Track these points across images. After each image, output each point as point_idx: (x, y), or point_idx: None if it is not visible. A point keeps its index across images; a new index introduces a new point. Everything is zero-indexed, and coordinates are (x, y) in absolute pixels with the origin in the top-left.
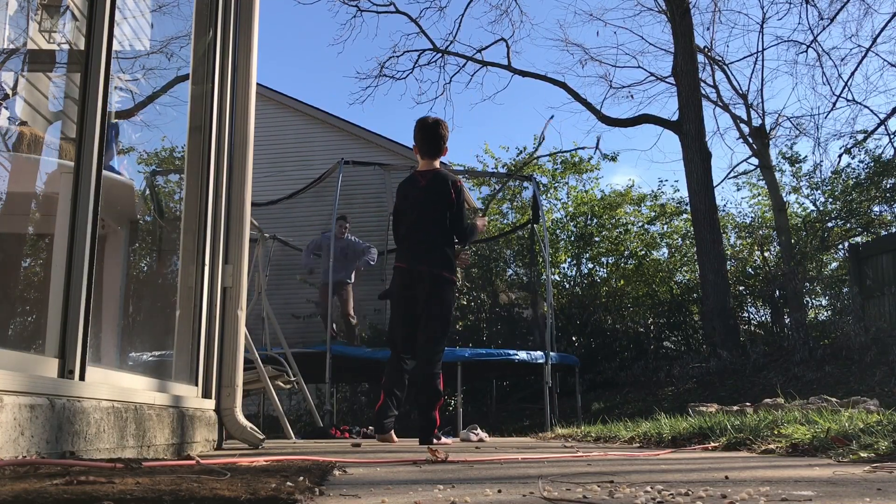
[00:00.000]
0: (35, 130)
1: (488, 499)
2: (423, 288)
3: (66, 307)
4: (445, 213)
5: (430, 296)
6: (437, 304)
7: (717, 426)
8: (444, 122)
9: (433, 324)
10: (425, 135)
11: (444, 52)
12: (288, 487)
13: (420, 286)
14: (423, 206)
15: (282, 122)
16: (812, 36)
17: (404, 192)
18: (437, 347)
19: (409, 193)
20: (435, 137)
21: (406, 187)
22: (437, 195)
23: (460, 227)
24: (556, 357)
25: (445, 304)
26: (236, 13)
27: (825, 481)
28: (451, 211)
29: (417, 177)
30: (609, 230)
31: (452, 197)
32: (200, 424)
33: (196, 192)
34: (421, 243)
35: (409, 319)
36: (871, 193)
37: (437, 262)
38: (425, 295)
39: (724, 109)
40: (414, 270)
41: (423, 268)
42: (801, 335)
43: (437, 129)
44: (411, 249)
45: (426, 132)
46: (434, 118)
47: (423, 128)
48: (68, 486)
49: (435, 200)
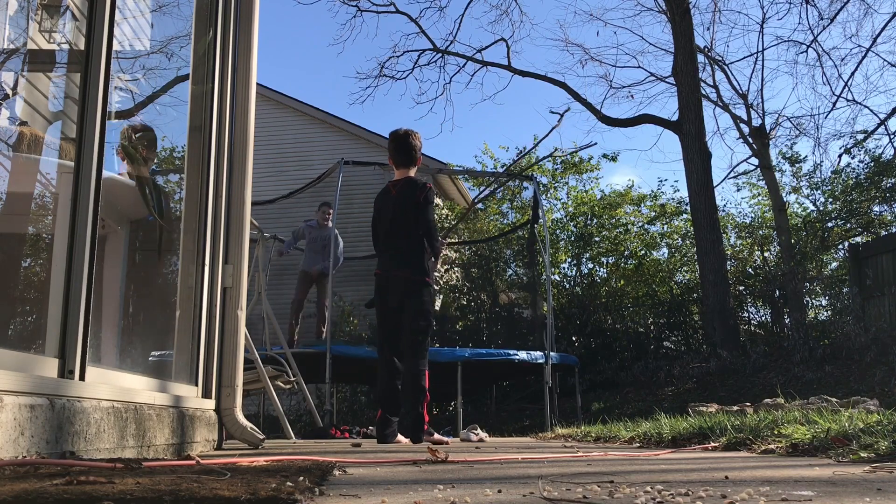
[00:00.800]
0: (35, 130)
1: (488, 499)
2: (399, 292)
3: (66, 307)
4: (415, 217)
5: (406, 298)
6: (415, 306)
7: (717, 426)
8: (415, 132)
9: (414, 324)
10: (397, 146)
11: (444, 52)
12: (288, 487)
13: (396, 290)
14: (395, 214)
15: (282, 122)
16: (812, 36)
17: (379, 204)
18: (421, 347)
19: (383, 204)
20: (406, 147)
21: (380, 198)
22: (406, 201)
23: (425, 223)
24: (556, 357)
25: (422, 304)
26: (236, 13)
27: (825, 481)
28: (417, 210)
29: (390, 187)
30: (609, 230)
31: (419, 198)
32: (200, 424)
33: (196, 192)
34: (395, 250)
35: (392, 322)
36: (871, 193)
37: (410, 266)
38: (402, 298)
39: (724, 109)
40: (390, 276)
41: (397, 273)
42: (801, 335)
43: (408, 139)
44: (386, 256)
45: (398, 143)
46: (405, 130)
47: (395, 139)
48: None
49: (406, 207)
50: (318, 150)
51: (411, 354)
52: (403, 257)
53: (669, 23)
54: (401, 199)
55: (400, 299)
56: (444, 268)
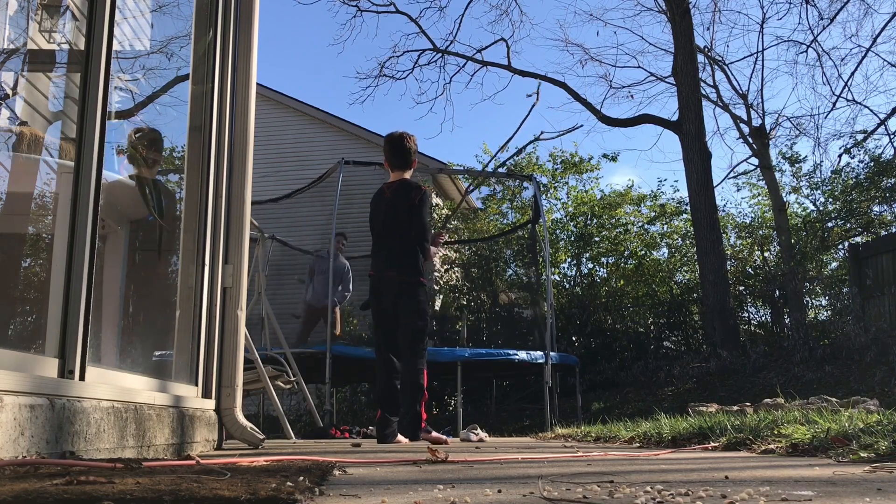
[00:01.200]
0: (35, 130)
1: (488, 499)
2: (393, 293)
3: (66, 307)
4: (409, 218)
5: (400, 299)
6: (410, 306)
7: (717, 426)
8: (410, 135)
9: (409, 324)
10: (392, 148)
11: (444, 52)
12: (288, 487)
13: (390, 291)
14: (388, 215)
15: (282, 122)
16: (812, 36)
17: (374, 205)
18: (418, 345)
19: (376, 205)
20: (401, 150)
21: (375, 200)
22: (400, 203)
23: (419, 225)
24: (556, 357)
25: (418, 304)
26: (236, 13)
27: (825, 481)
28: (412, 212)
29: (384, 188)
30: (609, 230)
31: (413, 199)
32: (200, 424)
33: (196, 191)
34: (388, 251)
35: (388, 322)
36: (871, 193)
37: (403, 267)
38: (396, 299)
39: (724, 109)
40: (383, 277)
41: (390, 274)
42: (801, 335)
43: (403, 142)
44: (379, 257)
45: (393, 145)
46: (400, 132)
47: (390, 142)
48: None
49: (399, 209)
50: (317, 150)
51: (409, 354)
52: (396, 258)
53: (669, 23)
54: (394, 200)
55: (393, 300)
56: (444, 268)
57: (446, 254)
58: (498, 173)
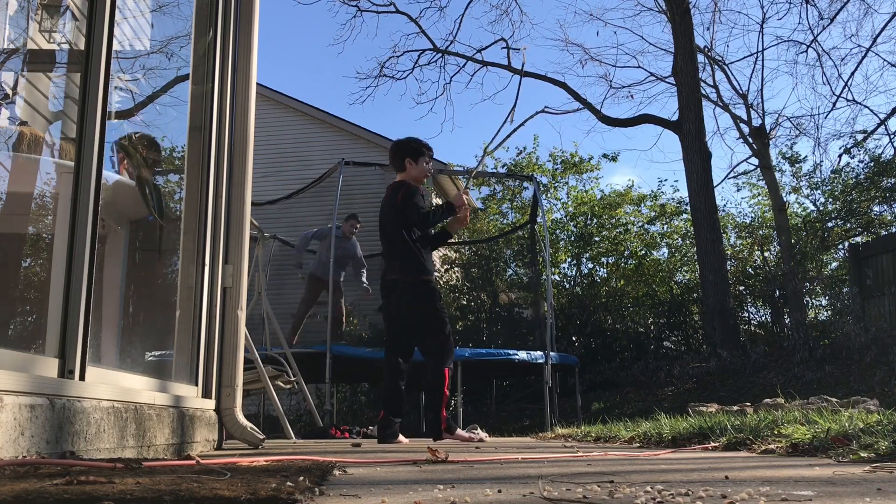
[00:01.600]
0: (35, 130)
1: (488, 499)
2: (399, 294)
3: (66, 307)
4: (401, 217)
5: (403, 298)
6: (420, 306)
7: (717, 426)
8: (411, 139)
9: (426, 325)
10: (390, 152)
11: (444, 52)
12: (288, 487)
13: (395, 293)
14: (384, 217)
15: (282, 122)
16: (812, 36)
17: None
18: (443, 347)
19: (380, 210)
20: (395, 154)
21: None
22: (390, 205)
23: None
24: (556, 357)
25: (427, 301)
26: (236, 13)
27: (825, 481)
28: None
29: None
30: (609, 230)
31: (398, 198)
32: (200, 424)
33: (196, 191)
34: (389, 254)
35: (396, 325)
36: (871, 193)
37: (401, 268)
38: (400, 300)
39: (724, 109)
40: (388, 280)
41: (394, 276)
42: (801, 335)
43: (397, 145)
44: (386, 261)
45: (391, 151)
46: (404, 137)
47: (391, 147)
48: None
49: (388, 211)
50: (318, 150)
51: (431, 355)
52: (394, 260)
53: (669, 23)
54: (386, 204)
55: (397, 302)
56: (444, 268)
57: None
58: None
